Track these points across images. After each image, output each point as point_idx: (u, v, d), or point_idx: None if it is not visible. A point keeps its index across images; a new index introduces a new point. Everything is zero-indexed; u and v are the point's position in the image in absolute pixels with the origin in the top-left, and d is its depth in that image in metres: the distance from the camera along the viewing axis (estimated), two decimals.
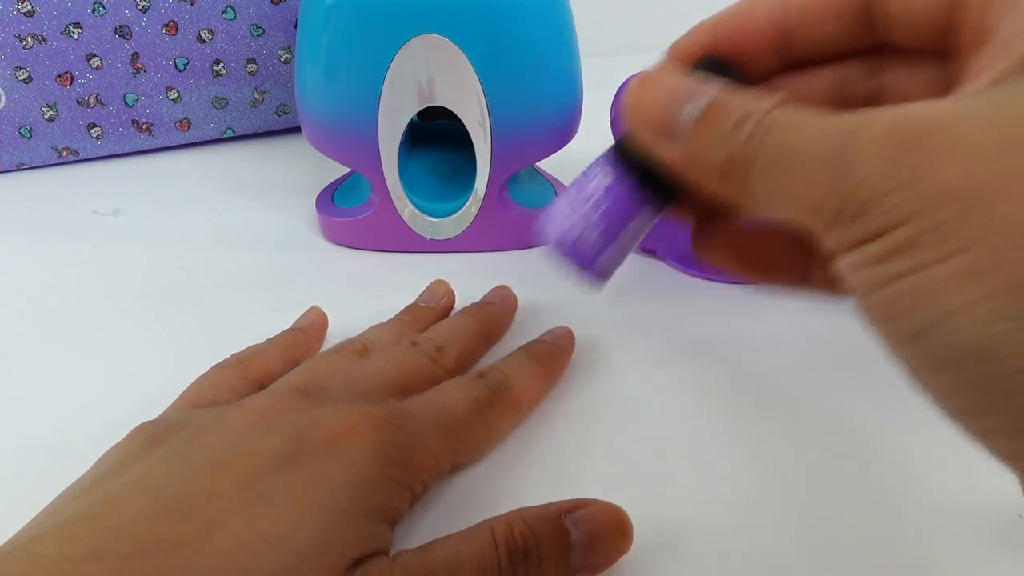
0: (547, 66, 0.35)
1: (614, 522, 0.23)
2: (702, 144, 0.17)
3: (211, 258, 0.39)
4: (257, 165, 0.49)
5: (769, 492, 0.26)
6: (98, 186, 0.46)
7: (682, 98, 0.17)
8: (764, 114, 0.16)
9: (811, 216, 0.15)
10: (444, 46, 0.33)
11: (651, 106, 0.18)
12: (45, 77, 0.45)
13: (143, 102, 0.48)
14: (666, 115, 0.17)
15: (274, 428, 0.23)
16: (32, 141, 0.47)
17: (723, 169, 0.16)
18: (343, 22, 0.33)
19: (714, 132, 0.17)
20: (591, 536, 0.22)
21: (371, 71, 0.34)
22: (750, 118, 0.16)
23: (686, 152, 0.17)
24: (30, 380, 0.31)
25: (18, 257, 0.40)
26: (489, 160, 0.36)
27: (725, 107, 0.17)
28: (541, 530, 0.22)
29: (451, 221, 0.38)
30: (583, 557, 0.22)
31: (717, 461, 0.27)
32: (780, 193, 0.16)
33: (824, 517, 0.25)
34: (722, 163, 0.16)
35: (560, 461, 0.27)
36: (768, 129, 0.16)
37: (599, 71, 0.43)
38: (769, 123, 0.16)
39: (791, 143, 0.15)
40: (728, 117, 0.16)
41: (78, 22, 0.44)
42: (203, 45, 0.47)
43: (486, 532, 0.22)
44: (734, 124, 0.16)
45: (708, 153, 0.17)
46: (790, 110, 0.16)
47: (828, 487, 0.26)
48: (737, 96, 0.17)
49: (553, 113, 0.36)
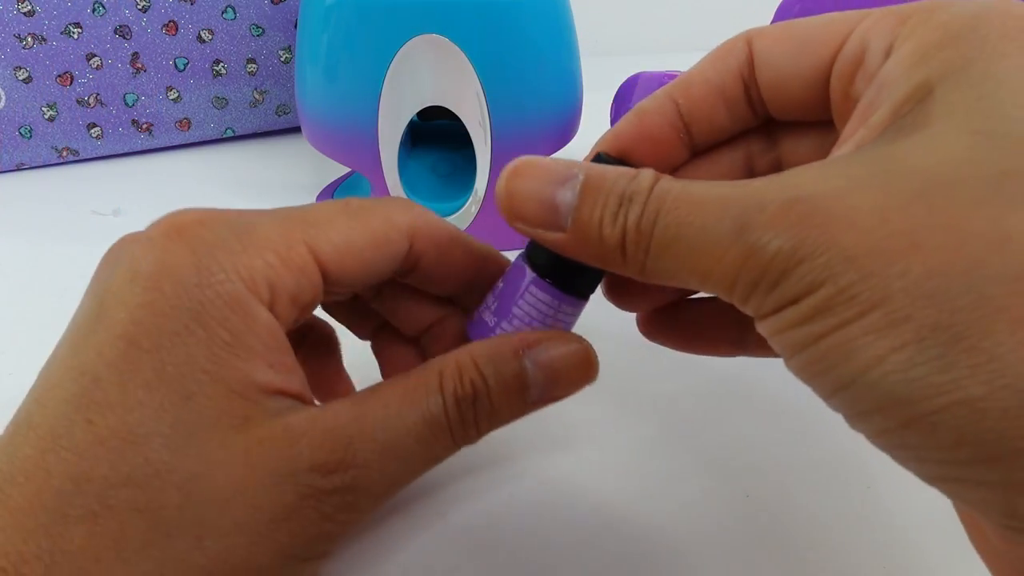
0: (547, 66, 0.35)
1: (576, 351, 0.20)
2: (586, 226, 0.17)
3: None
4: (257, 165, 0.49)
5: (769, 492, 0.26)
6: (98, 186, 0.46)
7: (555, 182, 0.18)
8: (647, 192, 0.16)
9: (724, 289, 0.16)
10: (444, 46, 0.33)
11: (525, 199, 0.18)
12: (45, 77, 0.45)
13: (143, 102, 0.48)
14: (541, 205, 0.18)
15: (103, 273, 0.20)
16: (32, 141, 0.47)
17: (619, 251, 0.17)
18: (343, 22, 0.33)
19: (595, 214, 0.17)
20: (551, 370, 0.20)
21: (371, 71, 0.34)
22: (635, 198, 0.17)
23: (573, 237, 0.18)
24: (30, 380, 0.31)
25: (18, 257, 0.40)
26: (489, 160, 0.36)
27: (600, 186, 0.17)
28: (493, 370, 0.19)
29: (451, 221, 0.38)
30: (543, 392, 0.20)
31: (717, 460, 0.27)
32: (684, 270, 0.16)
33: (824, 517, 0.25)
34: (615, 245, 0.17)
35: (554, 459, 0.27)
36: (657, 209, 0.16)
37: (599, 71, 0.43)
38: (656, 203, 0.16)
39: (690, 225, 0.16)
40: (607, 197, 0.17)
41: (78, 22, 0.44)
42: (203, 45, 0.47)
43: (433, 377, 0.19)
44: (617, 204, 0.17)
45: (595, 235, 0.17)
46: (672, 186, 0.16)
47: (828, 487, 0.26)
48: (609, 173, 0.17)
49: (553, 113, 0.36)
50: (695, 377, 0.31)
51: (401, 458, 0.19)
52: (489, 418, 0.20)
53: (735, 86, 0.20)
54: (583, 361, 0.20)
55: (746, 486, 0.26)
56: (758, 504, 0.25)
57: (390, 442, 0.18)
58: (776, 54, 0.19)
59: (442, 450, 0.19)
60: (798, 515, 0.25)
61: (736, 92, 0.20)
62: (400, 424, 0.18)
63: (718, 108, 0.20)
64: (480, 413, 0.19)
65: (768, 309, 0.15)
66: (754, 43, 0.20)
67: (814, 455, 0.27)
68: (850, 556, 0.24)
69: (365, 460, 0.18)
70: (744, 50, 0.20)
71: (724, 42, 0.20)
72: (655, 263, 0.17)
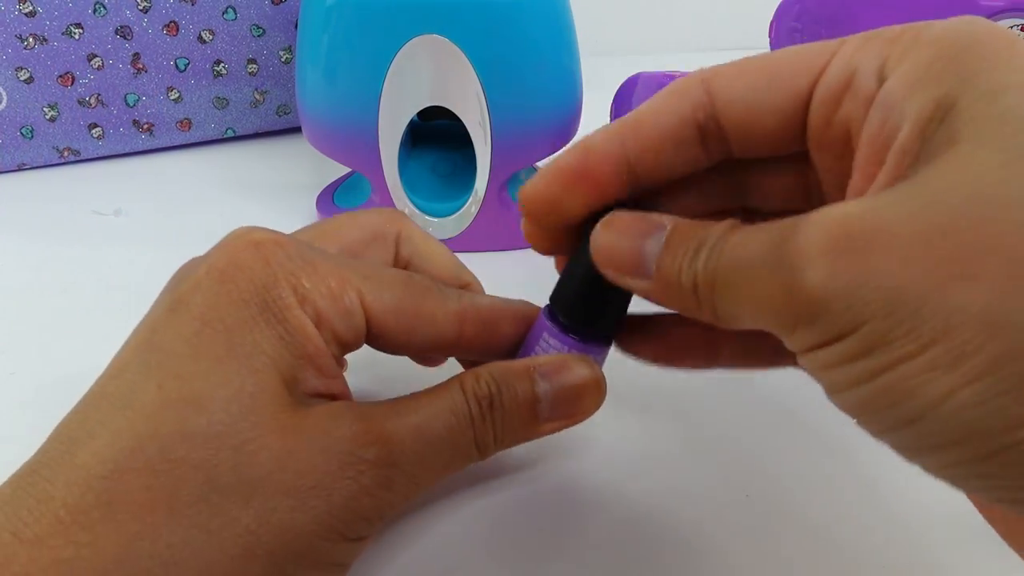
0: (547, 66, 0.35)
1: (584, 374, 0.22)
2: (668, 274, 0.18)
3: None
4: (258, 165, 0.49)
5: (769, 492, 0.26)
6: (99, 186, 0.47)
7: (643, 234, 0.19)
8: (718, 238, 0.17)
9: (773, 324, 0.16)
10: (444, 46, 0.33)
11: (615, 248, 0.19)
12: (46, 77, 0.45)
13: (144, 102, 0.48)
14: (630, 254, 0.19)
15: (171, 282, 0.22)
16: (33, 141, 0.47)
17: (693, 295, 0.17)
18: (343, 22, 0.33)
19: (675, 263, 0.18)
20: (560, 387, 0.22)
21: (371, 71, 0.34)
22: (705, 244, 0.17)
23: (657, 286, 0.18)
24: (32, 379, 0.31)
25: (19, 257, 0.40)
26: (489, 160, 0.36)
27: (684, 235, 0.18)
28: (506, 380, 0.22)
29: (451, 221, 0.38)
30: (552, 408, 0.22)
31: (716, 460, 0.27)
32: (743, 308, 0.16)
33: (824, 517, 0.25)
34: (690, 290, 0.17)
35: (555, 460, 0.27)
36: (721, 252, 0.17)
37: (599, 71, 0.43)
38: (722, 246, 0.17)
39: (740, 259, 0.16)
40: (687, 247, 0.18)
41: (79, 22, 0.44)
42: (204, 45, 0.47)
43: (455, 382, 0.21)
44: (693, 252, 0.17)
45: (675, 281, 0.18)
46: (740, 231, 0.17)
47: (828, 487, 0.26)
48: (692, 225, 0.18)
49: (553, 113, 0.36)
50: (695, 377, 0.31)
51: (430, 442, 0.20)
52: (504, 424, 0.21)
53: (686, 129, 0.20)
54: (592, 383, 0.22)
55: (746, 486, 0.26)
56: (758, 504, 0.25)
57: (421, 425, 0.20)
58: (742, 90, 0.19)
59: (465, 443, 0.21)
60: (798, 515, 0.25)
61: (687, 134, 0.20)
62: (429, 410, 0.20)
63: (666, 151, 0.20)
64: (496, 418, 0.21)
65: (809, 344, 0.15)
66: (712, 83, 0.20)
67: (814, 455, 0.27)
68: (850, 556, 0.24)
69: (400, 437, 0.20)
70: (699, 92, 0.20)
71: (676, 82, 0.20)
72: (722, 305, 0.17)
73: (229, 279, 0.20)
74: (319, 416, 0.19)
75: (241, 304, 0.20)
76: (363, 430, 0.19)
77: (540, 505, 0.25)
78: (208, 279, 0.20)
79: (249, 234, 0.21)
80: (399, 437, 0.20)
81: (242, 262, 0.20)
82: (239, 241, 0.21)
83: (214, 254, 0.21)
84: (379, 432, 0.19)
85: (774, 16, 0.35)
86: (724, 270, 0.17)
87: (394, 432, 0.20)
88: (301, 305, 0.20)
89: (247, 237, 0.21)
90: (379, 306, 0.21)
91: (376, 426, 0.20)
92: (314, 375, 0.20)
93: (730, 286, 0.17)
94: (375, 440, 0.19)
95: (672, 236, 0.18)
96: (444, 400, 0.21)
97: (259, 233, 0.21)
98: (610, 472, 0.27)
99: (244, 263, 0.20)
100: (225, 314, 0.19)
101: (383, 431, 0.19)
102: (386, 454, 0.19)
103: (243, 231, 0.22)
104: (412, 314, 0.22)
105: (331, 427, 0.19)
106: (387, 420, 0.20)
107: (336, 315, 0.21)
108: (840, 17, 0.34)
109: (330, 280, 0.21)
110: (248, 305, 0.20)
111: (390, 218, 0.25)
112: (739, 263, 0.16)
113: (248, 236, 0.21)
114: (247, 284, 0.20)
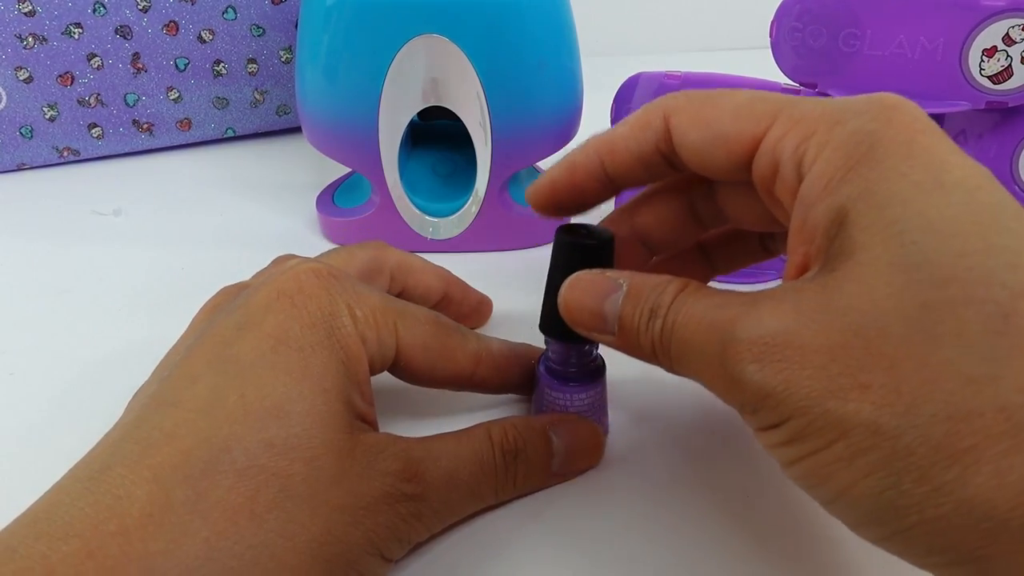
0: (547, 66, 0.35)
1: (589, 435, 0.26)
2: (629, 333, 0.21)
3: (212, 258, 0.39)
4: (257, 165, 0.49)
5: (769, 491, 0.26)
6: (99, 186, 0.46)
7: (601, 295, 0.21)
8: (667, 308, 0.20)
9: (725, 399, 0.19)
10: (445, 46, 0.33)
11: (578, 309, 0.22)
12: (46, 77, 0.45)
13: (144, 102, 0.48)
14: (592, 315, 0.21)
15: (229, 305, 0.23)
16: (33, 141, 0.47)
17: (654, 356, 0.20)
18: (343, 22, 0.33)
19: (634, 323, 0.20)
20: (570, 445, 0.25)
21: (371, 71, 0.34)
22: (657, 313, 0.20)
23: (621, 341, 0.21)
24: (31, 379, 0.31)
25: (19, 257, 0.40)
26: (489, 160, 0.36)
27: (638, 297, 0.21)
28: (529, 436, 0.25)
29: (451, 221, 0.38)
30: (562, 463, 0.25)
31: (717, 459, 0.27)
32: (698, 377, 0.19)
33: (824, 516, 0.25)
34: (649, 350, 0.20)
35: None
36: (672, 326, 0.19)
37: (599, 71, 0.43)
38: (672, 320, 0.19)
39: (690, 344, 0.19)
40: (642, 309, 0.20)
41: (79, 22, 0.44)
42: (204, 45, 0.47)
43: (483, 432, 0.24)
44: (648, 316, 0.20)
45: (635, 342, 0.21)
46: (686, 303, 0.19)
47: None
48: (646, 284, 0.21)
49: (553, 113, 0.36)
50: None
51: (456, 486, 0.23)
52: (525, 475, 0.24)
53: (653, 155, 0.22)
54: (595, 444, 0.26)
55: (746, 486, 0.26)
56: (758, 504, 0.25)
57: (449, 469, 0.22)
58: (692, 139, 0.21)
59: (487, 490, 0.24)
60: (798, 515, 0.25)
61: (655, 159, 0.22)
62: (457, 456, 0.23)
63: (638, 170, 0.23)
64: (519, 470, 0.24)
65: (756, 427, 0.18)
66: (671, 120, 0.22)
67: None
68: (851, 555, 0.24)
69: (431, 478, 0.22)
70: (661, 125, 0.22)
71: (643, 109, 0.23)
72: (679, 369, 0.20)
73: (299, 304, 0.22)
74: (368, 446, 0.21)
75: (310, 327, 0.21)
76: (404, 468, 0.21)
77: (540, 505, 0.25)
78: (279, 302, 0.22)
79: (306, 263, 0.23)
80: (431, 478, 0.22)
81: (308, 289, 0.22)
82: (299, 268, 0.23)
83: (279, 280, 0.22)
84: (416, 471, 0.22)
85: (775, 16, 0.35)
86: (677, 343, 0.19)
87: (427, 472, 0.22)
88: (356, 333, 0.22)
89: (305, 266, 0.23)
90: (410, 340, 0.24)
91: (414, 466, 0.22)
92: (359, 399, 0.22)
93: (683, 359, 0.19)
94: (412, 478, 0.21)
95: (627, 298, 0.21)
96: (473, 447, 0.23)
97: (313, 263, 0.23)
98: (610, 472, 0.27)
99: (310, 290, 0.22)
100: (297, 335, 0.21)
101: (418, 471, 0.22)
102: (420, 492, 0.22)
103: (298, 260, 0.24)
104: (437, 351, 0.25)
105: (378, 459, 0.21)
106: (422, 463, 0.22)
107: (376, 345, 0.23)
108: (840, 17, 0.34)
109: (377, 313, 0.23)
110: (316, 329, 0.21)
111: (382, 251, 0.28)
112: (688, 347, 0.19)
113: (306, 265, 0.23)
114: (315, 309, 0.22)
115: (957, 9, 0.32)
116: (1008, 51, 0.32)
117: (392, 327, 0.23)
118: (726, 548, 0.24)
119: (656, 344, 0.20)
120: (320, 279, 0.22)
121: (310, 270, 0.23)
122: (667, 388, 0.30)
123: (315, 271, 0.23)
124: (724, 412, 0.29)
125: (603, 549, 0.24)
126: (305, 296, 0.22)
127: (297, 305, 0.21)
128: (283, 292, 0.22)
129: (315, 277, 0.22)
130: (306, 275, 0.22)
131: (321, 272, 0.23)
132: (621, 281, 0.21)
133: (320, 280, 0.22)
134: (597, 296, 0.21)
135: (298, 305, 0.22)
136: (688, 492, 0.26)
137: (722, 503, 0.25)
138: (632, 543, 0.24)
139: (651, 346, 0.20)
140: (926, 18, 0.33)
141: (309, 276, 0.22)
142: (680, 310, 0.19)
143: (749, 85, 0.37)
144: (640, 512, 0.25)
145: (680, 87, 0.37)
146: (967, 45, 0.33)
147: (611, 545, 0.24)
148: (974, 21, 0.32)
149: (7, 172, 0.48)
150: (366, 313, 0.22)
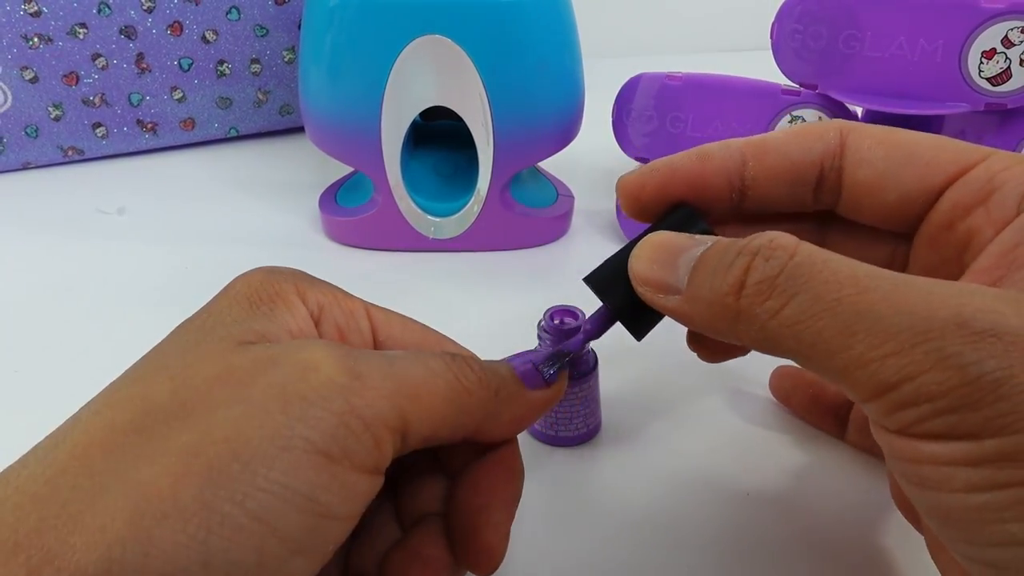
0: (549, 67, 0.35)
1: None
2: (701, 281, 0.17)
3: (215, 257, 0.39)
4: (261, 164, 0.49)
5: (769, 491, 0.26)
6: (103, 185, 0.47)
7: (690, 243, 0.18)
8: (789, 253, 0.16)
9: (864, 386, 0.15)
10: (447, 47, 0.33)
11: (664, 246, 0.19)
12: (51, 77, 0.45)
13: (148, 102, 0.48)
14: (672, 252, 0.18)
15: None
16: (38, 140, 0.47)
17: (732, 299, 0.16)
18: (347, 23, 0.33)
19: (712, 265, 0.17)
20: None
21: (374, 72, 0.34)
22: (774, 255, 0.16)
23: (687, 297, 0.18)
24: (35, 377, 0.32)
25: (24, 255, 0.40)
26: (491, 160, 0.36)
27: (721, 247, 0.17)
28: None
29: (453, 220, 0.38)
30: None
31: (717, 459, 0.27)
32: (817, 350, 0.15)
33: (824, 516, 0.25)
34: (729, 293, 0.16)
35: (554, 459, 0.27)
36: (806, 276, 0.15)
37: (601, 72, 0.43)
38: (804, 269, 0.15)
39: (855, 307, 0.15)
40: (725, 253, 0.17)
41: (84, 23, 0.44)
42: (208, 45, 0.47)
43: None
44: (734, 256, 0.17)
45: (707, 286, 0.17)
46: (819, 255, 0.16)
47: (828, 486, 0.26)
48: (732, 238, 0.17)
49: (555, 113, 0.36)
50: (696, 376, 0.31)
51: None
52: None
53: (810, 169, 0.20)
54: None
55: (746, 486, 0.26)
56: (758, 503, 0.25)
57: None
58: (877, 157, 0.19)
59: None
60: (798, 515, 0.25)
61: (807, 175, 0.20)
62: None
63: (781, 184, 0.20)
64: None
65: (934, 431, 0.14)
66: (848, 137, 0.20)
67: (815, 454, 0.27)
68: (851, 555, 0.24)
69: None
70: (835, 140, 0.20)
71: (813, 123, 0.20)
72: (779, 330, 0.16)
73: (319, 359, 0.19)
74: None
75: (323, 386, 0.18)
76: None
77: (539, 505, 0.25)
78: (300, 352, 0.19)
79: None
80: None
81: (329, 352, 0.19)
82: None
83: (312, 348, 0.20)
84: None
85: (776, 17, 0.35)
86: (813, 304, 0.15)
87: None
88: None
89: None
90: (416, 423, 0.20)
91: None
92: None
93: (811, 324, 0.15)
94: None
95: (710, 251, 0.18)
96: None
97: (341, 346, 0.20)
98: (609, 471, 0.27)
99: (326, 352, 0.19)
100: (318, 386, 0.18)
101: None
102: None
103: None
104: (445, 399, 0.21)
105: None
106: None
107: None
108: (841, 19, 0.34)
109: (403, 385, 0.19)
110: (329, 389, 0.19)
111: (359, 310, 0.25)
112: (850, 309, 0.15)
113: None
114: (328, 371, 0.19)
115: (957, 11, 0.32)
116: (1007, 53, 0.32)
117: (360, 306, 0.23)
118: (726, 548, 0.24)
119: (752, 290, 0.16)
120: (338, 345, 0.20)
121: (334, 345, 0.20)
122: (664, 387, 0.30)
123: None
124: (724, 411, 0.29)
125: (601, 548, 0.24)
126: (328, 354, 0.19)
127: (312, 368, 0.19)
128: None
129: None
130: None
131: None
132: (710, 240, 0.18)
133: None
134: (686, 241, 0.18)
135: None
136: (688, 492, 0.26)
137: (721, 502, 0.26)
138: (630, 543, 0.24)
139: (762, 295, 0.16)
140: (926, 20, 0.33)
141: None
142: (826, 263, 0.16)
143: (751, 86, 0.37)
144: (636, 509, 0.25)
145: (681, 88, 0.38)
146: (966, 47, 0.33)
147: (609, 545, 0.24)
148: (973, 23, 0.32)
149: (13, 171, 0.48)
150: None
